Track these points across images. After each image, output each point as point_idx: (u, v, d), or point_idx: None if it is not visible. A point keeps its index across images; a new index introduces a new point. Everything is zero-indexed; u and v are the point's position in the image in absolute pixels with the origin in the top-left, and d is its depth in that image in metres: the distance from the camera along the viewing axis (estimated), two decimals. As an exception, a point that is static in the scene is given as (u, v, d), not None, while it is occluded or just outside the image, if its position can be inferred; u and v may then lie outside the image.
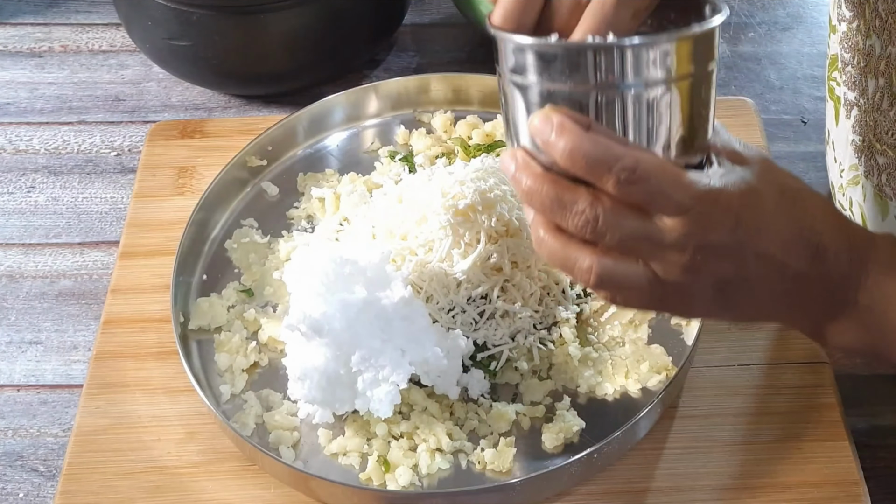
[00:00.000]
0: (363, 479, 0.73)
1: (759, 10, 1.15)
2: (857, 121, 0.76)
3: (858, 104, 0.75)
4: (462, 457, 0.75)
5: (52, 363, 0.86)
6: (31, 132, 1.04)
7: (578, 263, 0.57)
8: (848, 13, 0.76)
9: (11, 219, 0.96)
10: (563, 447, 0.74)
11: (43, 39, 1.14)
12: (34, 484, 0.79)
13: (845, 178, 0.80)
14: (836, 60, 0.79)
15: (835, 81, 0.80)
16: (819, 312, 0.61)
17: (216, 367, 0.80)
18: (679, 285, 0.56)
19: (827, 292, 0.59)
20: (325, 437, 0.76)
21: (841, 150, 0.80)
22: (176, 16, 0.96)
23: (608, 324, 0.81)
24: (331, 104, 0.95)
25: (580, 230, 0.55)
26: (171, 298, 0.80)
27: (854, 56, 0.75)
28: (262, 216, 0.90)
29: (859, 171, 0.77)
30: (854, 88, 0.76)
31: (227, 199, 0.90)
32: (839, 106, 0.80)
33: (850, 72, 0.77)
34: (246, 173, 0.92)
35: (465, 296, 0.79)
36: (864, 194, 0.77)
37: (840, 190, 0.81)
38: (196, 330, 0.82)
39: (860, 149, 0.76)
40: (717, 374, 0.79)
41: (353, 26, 1.02)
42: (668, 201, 0.54)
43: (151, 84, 1.09)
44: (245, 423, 0.76)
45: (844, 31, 0.77)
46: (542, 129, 0.55)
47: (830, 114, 0.82)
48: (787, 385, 0.78)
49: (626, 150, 0.54)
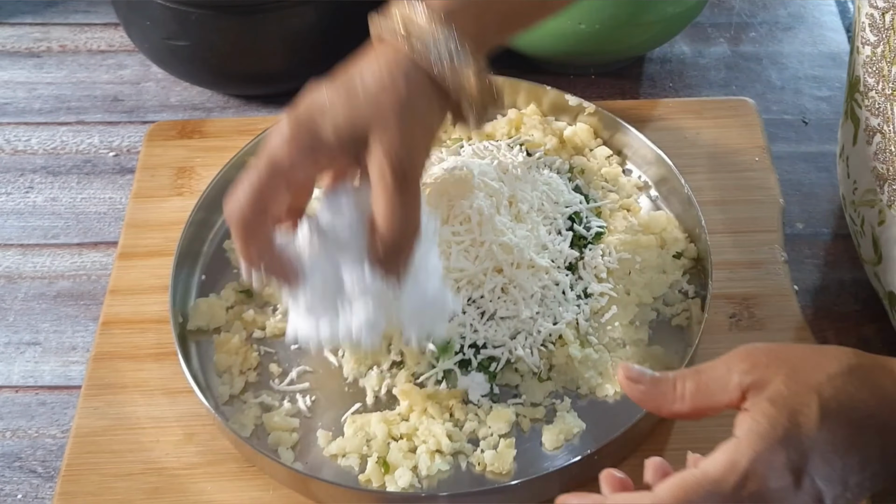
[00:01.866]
0: (362, 480, 0.73)
1: (761, 10, 1.15)
2: (881, 149, 0.75)
3: (882, 131, 0.74)
4: (462, 458, 0.74)
5: (51, 364, 0.85)
6: (29, 132, 1.04)
7: None
8: (872, 37, 0.75)
9: (9, 219, 0.96)
10: (564, 448, 0.74)
11: (41, 39, 1.14)
12: (32, 485, 0.78)
13: (858, 196, 0.79)
14: (859, 83, 0.78)
15: (856, 103, 0.79)
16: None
17: (215, 368, 0.80)
18: None
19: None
20: (324, 438, 0.75)
21: (857, 169, 0.79)
22: (175, 16, 0.96)
23: (609, 325, 0.81)
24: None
25: None
26: (170, 299, 0.80)
27: (878, 82, 0.74)
28: None
29: (877, 197, 0.76)
30: (877, 115, 0.75)
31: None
32: (858, 129, 0.79)
33: (873, 97, 0.75)
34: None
35: (465, 296, 0.79)
36: (879, 220, 0.76)
37: (852, 205, 0.81)
38: (195, 330, 0.82)
39: (883, 177, 0.75)
40: (718, 375, 0.79)
41: (353, 26, 1.01)
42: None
43: (150, 84, 1.09)
44: (244, 425, 0.76)
45: (868, 55, 0.76)
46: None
47: (849, 132, 0.81)
48: (788, 386, 0.78)
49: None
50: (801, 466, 0.55)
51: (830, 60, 1.09)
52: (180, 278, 0.83)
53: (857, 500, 0.58)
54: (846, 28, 1.12)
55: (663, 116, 0.98)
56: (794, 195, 0.95)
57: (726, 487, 0.54)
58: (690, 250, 0.85)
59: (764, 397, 0.57)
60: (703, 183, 0.91)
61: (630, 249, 0.85)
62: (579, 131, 0.93)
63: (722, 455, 0.56)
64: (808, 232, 0.93)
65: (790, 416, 0.56)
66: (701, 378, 0.60)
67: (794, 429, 0.55)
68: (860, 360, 0.59)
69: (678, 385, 0.60)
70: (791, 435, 0.55)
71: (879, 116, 0.75)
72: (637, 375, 0.62)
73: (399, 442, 0.75)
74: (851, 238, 0.86)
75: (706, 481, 0.55)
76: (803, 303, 0.86)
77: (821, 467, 0.55)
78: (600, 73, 1.06)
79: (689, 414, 0.61)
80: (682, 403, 0.60)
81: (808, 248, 0.91)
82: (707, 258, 0.81)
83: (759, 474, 0.55)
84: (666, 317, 0.82)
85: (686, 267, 0.85)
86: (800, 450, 0.55)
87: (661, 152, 0.88)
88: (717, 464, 0.55)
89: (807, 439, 0.55)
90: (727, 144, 0.95)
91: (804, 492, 0.55)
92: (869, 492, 0.58)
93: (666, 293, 0.83)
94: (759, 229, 0.89)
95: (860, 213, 0.80)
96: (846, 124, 0.82)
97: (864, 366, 0.59)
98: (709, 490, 0.54)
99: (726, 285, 0.85)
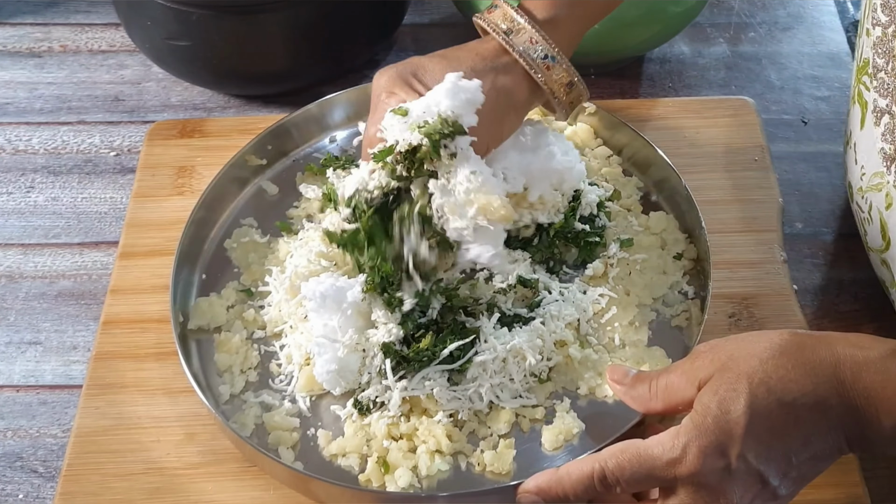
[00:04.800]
0: (362, 480, 0.73)
1: (760, 10, 1.15)
2: (889, 129, 0.75)
3: (891, 112, 0.75)
4: (461, 458, 0.74)
5: (52, 364, 0.85)
6: (30, 132, 1.04)
7: None
8: (884, 17, 0.75)
9: (10, 219, 0.96)
10: (563, 449, 0.74)
11: (42, 39, 1.14)
12: (34, 485, 0.78)
13: (866, 182, 0.79)
14: (868, 65, 0.78)
15: (864, 86, 0.79)
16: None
17: (216, 368, 0.80)
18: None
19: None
20: (324, 438, 0.75)
21: (864, 155, 0.80)
22: (175, 16, 0.96)
23: (608, 325, 0.81)
24: (331, 103, 0.95)
25: None
26: (171, 298, 0.80)
27: (889, 62, 0.74)
28: (262, 215, 0.90)
29: (884, 180, 0.76)
30: (886, 96, 0.75)
31: (226, 199, 0.90)
32: (866, 111, 0.79)
33: (882, 78, 0.76)
34: (246, 172, 0.92)
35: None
36: (887, 203, 0.76)
37: (860, 192, 0.81)
38: (195, 330, 0.82)
39: (890, 157, 0.75)
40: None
41: (353, 26, 1.02)
42: (654, 482, 0.63)
43: (151, 84, 1.09)
44: (244, 424, 0.76)
45: (879, 35, 0.76)
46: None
47: (856, 117, 0.81)
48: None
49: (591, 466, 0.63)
50: (732, 450, 0.60)
51: (830, 60, 1.09)
52: (181, 277, 0.83)
53: (812, 474, 0.62)
54: (845, 28, 1.12)
55: (663, 116, 0.98)
56: (793, 195, 0.95)
57: (658, 464, 0.61)
58: (690, 251, 0.85)
59: (704, 390, 0.62)
60: (703, 183, 0.91)
61: (630, 250, 0.85)
62: (579, 131, 0.93)
63: (665, 436, 0.62)
64: (808, 232, 0.93)
65: (720, 404, 0.61)
66: (670, 377, 0.65)
67: (722, 416, 0.60)
68: (794, 338, 0.63)
69: (652, 385, 0.66)
70: (720, 422, 0.60)
71: (888, 97, 0.75)
72: (621, 376, 0.69)
73: (399, 442, 0.75)
74: (851, 237, 0.86)
75: (645, 455, 0.62)
76: (803, 302, 0.86)
77: (756, 449, 0.60)
78: (600, 72, 1.06)
79: (664, 411, 0.66)
80: (656, 402, 0.66)
81: (807, 247, 0.92)
82: (707, 259, 0.81)
83: (689, 459, 0.60)
84: (666, 317, 0.82)
85: (686, 268, 0.85)
86: (729, 435, 0.60)
87: (661, 152, 0.88)
88: (659, 442, 0.62)
89: (736, 425, 0.60)
90: (726, 144, 0.95)
91: (741, 472, 0.60)
92: (823, 464, 0.62)
93: (666, 294, 0.83)
94: (759, 229, 0.89)
95: (867, 199, 0.80)
96: (853, 109, 0.82)
97: (797, 343, 0.62)
98: (644, 464, 0.62)
99: (726, 285, 0.85)
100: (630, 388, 0.68)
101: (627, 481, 0.62)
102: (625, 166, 0.92)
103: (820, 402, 0.60)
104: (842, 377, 0.60)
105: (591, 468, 0.63)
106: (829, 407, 0.60)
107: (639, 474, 0.62)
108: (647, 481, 0.62)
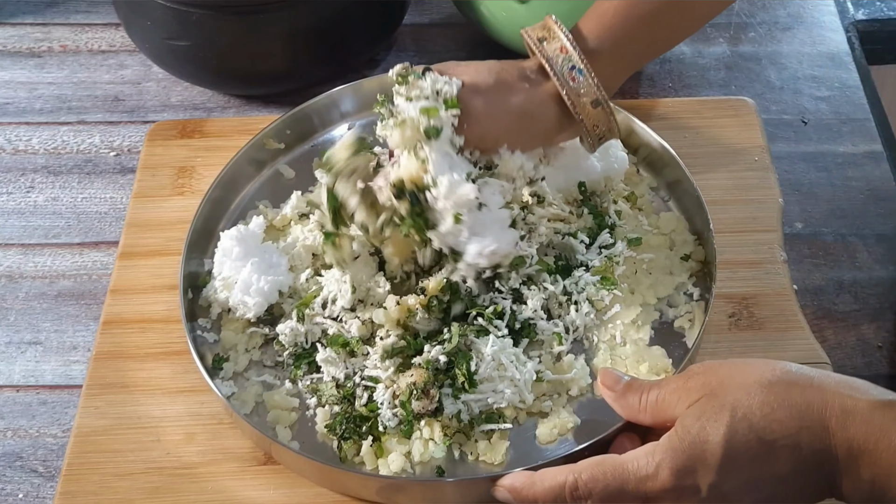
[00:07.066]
0: (357, 461, 0.74)
1: (760, 10, 1.15)
2: None
3: None
4: (455, 447, 0.75)
5: (52, 363, 0.85)
6: (30, 132, 1.04)
7: None
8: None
9: (10, 219, 0.96)
10: (557, 442, 0.75)
11: (42, 39, 1.14)
12: (34, 485, 0.78)
13: None
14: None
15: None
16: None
17: (220, 346, 0.81)
18: None
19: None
20: (323, 416, 0.76)
21: None
22: (175, 16, 0.96)
23: (610, 323, 0.81)
24: (352, 90, 0.96)
25: None
26: (180, 271, 0.81)
27: None
28: (278, 198, 0.91)
29: None
30: None
31: (242, 180, 0.92)
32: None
33: None
34: (265, 155, 0.93)
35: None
36: None
37: None
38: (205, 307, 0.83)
39: None
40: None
41: (353, 26, 1.02)
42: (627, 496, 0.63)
43: (151, 84, 1.09)
44: (245, 401, 0.78)
45: None
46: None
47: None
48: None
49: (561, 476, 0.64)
50: (704, 478, 0.60)
51: (829, 60, 1.09)
52: (194, 254, 0.84)
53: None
54: (845, 28, 1.12)
55: (663, 116, 0.98)
56: (793, 195, 0.95)
57: (631, 479, 0.62)
58: (698, 253, 0.85)
59: (688, 412, 0.62)
60: (703, 183, 0.90)
61: (638, 249, 0.85)
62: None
63: (640, 452, 0.63)
64: (808, 232, 0.93)
65: (700, 430, 0.61)
66: (661, 392, 0.65)
67: (700, 442, 0.61)
68: (786, 375, 0.62)
69: (642, 397, 0.66)
70: (696, 447, 0.61)
71: None
72: (612, 382, 0.69)
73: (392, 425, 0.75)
74: (851, 237, 0.85)
75: (620, 469, 0.63)
76: (803, 302, 0.86)
77: (727, 478, 0.60)
78: (600, 73, 1.06)
79: (651, 425, 0.66)
80: (645, 415, 0.66)
81: (807, 247, 0.92)
82: (714, 262, 0.81)
83: (661, 477, 0.61)
84: (669, 318, 0.82)
85: (693, 269, 0.85)
86: (703, 461, 0.60)
87: (674, 153, 0.88)
88: (634, 458, 0.63)
89: (711, 455, 0.60)
90: (726, 144, 0.95)
91: (710, 498, 0.61)
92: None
93: (671, 295, 0.83)
94: (759, 229, 0.89)
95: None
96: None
97: (788, 382, 0.62)
98: (617, 478, 0.62)
99: (726, 285, 0.85)
100: (620, 395, 0.68)
101: (599, 494, 0.63)
102: (639, 166, 0.92)
103: (802, 446, 0.60)
104: (827, 424, 0.60)
105: (564, 478, 0.64)
106: (813, 452, 0.60)
107: (611, 488, 0.63)
108: (619, 496, 0.63)
